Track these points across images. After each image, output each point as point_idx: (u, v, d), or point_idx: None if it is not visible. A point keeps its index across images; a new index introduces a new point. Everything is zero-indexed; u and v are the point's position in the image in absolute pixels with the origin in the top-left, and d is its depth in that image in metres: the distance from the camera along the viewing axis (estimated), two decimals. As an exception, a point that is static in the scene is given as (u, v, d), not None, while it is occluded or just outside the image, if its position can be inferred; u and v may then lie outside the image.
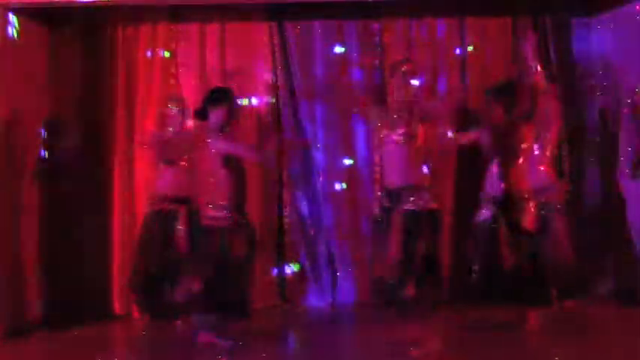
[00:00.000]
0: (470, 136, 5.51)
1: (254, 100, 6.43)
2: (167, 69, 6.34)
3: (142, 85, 6.32)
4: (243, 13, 6.41)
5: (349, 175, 6.42)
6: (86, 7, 6.10)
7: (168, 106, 5.90)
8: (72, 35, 6.35)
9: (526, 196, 5.16)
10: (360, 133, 6.38)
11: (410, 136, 5.08)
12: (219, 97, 5.08)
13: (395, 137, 5.10)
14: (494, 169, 5.27)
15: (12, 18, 5.61)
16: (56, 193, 6.17)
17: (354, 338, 5.18)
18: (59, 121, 6.25)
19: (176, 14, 6.37)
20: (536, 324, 5.10)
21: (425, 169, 5.08)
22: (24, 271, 5.78)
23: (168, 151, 5.72)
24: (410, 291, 5.00)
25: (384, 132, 5.25)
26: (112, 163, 6.27)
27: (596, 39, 6.48)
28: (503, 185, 5.20)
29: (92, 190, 6.20)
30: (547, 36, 6.46)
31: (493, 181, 5.27)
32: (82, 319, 5.83)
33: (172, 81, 6.34)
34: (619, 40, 6.22)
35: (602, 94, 6.31)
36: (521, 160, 5.23)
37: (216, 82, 6.33)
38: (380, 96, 6.23)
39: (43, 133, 6.12)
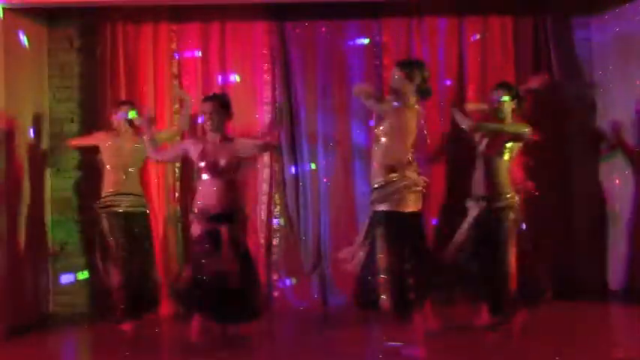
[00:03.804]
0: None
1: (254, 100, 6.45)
2: (168, 69, 6.34)
3: (143, 84, 6.31)
4: (243, 13, 6.41)
5: (346, 173, 6.42)
6: (87, 7, 6.12)
7: None
8: (72, 35, 6.35)
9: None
10: (358, 131, 6.40)
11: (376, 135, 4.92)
12: None
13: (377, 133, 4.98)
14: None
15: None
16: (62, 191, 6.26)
17: (341, 340, 5.17)
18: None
19: (176, 14, 6.36)
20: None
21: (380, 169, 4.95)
22: (25, 271, 5.80)
23: None
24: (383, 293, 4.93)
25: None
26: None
27: (596, 39, 6.50)
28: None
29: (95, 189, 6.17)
30: (547, 36, 6.46)
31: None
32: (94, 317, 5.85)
33: (174, 81, 6.34)
34: (619, 39, 6.24)
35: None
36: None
37: (216, 82, 6.35)
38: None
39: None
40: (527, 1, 6.48)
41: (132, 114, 5.59)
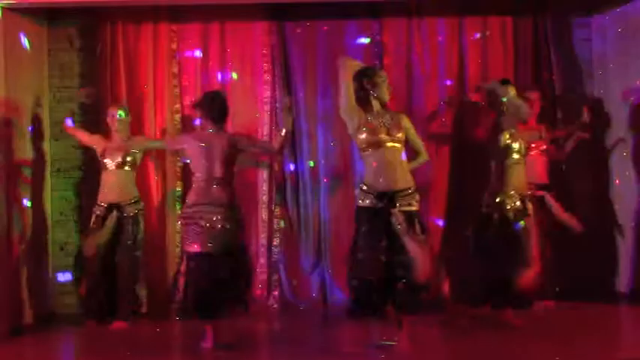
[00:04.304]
0: None
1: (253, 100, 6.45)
2: (168, 69, 6.33)
3: (143, 84, 6.31)
4: (243, 13, 6.40)
5: (345, 173, 6.42)
6: (87, 7, 6.11)
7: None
8: (72, 35, 6.35)
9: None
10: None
11: (392, 140, 4.90)
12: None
13: (379, 140, 4.92)
14: None
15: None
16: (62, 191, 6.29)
17: (341, 339, 5.17)
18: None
19: (176, 14, 6.36)
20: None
21: (408, 173, 4.94)
22: (25, 271, 5.80)
23: None
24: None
25: (366, 135, 4.83)
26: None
27: (596, 39, 6.50)
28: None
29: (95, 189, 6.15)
30: (547, 36, 6.46)
31: None
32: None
33: (174, 81, 6.34)
34: (619, 39, 6.24)
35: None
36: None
37: (216, 82, 6.35)
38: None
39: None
40: (527, 1, 6.48)
41: (121, 114, 5.81)
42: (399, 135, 4.73)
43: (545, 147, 5.97)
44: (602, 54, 6.45)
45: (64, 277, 6.22)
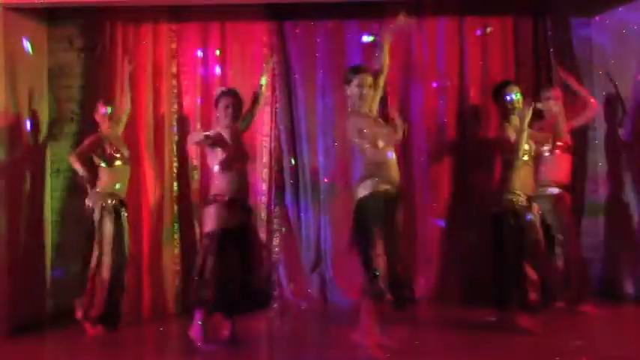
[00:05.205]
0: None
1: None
2: (168, 69, 6.33)
3: (143, 84, 6.30)
4: (243, 13, 6.41)
5: (346, 173, 6.41)
6: (87, 7, 6.12)
7: None
8: (72, 35, 6.35)
9: None
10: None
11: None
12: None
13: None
14: None
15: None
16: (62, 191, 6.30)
17: (341, 339, 5.16)
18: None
19: (176, 14, 6.36)
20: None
21: None
22: (25, 271, 5.80)
23: None
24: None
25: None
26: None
27: (596, 39, 6.50)
28: None
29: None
30: (547, 36, 6.46)
31: None
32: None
33: (173, 81, 6.34)
34: (619, 39, 6.24)
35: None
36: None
37: (216, 82, 6.35)
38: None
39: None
40: (527, 1, 6.48)
41: (110, 109, 5.75)
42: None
43: (570, 143, 5.83)
44: (602, 54, 6.45)
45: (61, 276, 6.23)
